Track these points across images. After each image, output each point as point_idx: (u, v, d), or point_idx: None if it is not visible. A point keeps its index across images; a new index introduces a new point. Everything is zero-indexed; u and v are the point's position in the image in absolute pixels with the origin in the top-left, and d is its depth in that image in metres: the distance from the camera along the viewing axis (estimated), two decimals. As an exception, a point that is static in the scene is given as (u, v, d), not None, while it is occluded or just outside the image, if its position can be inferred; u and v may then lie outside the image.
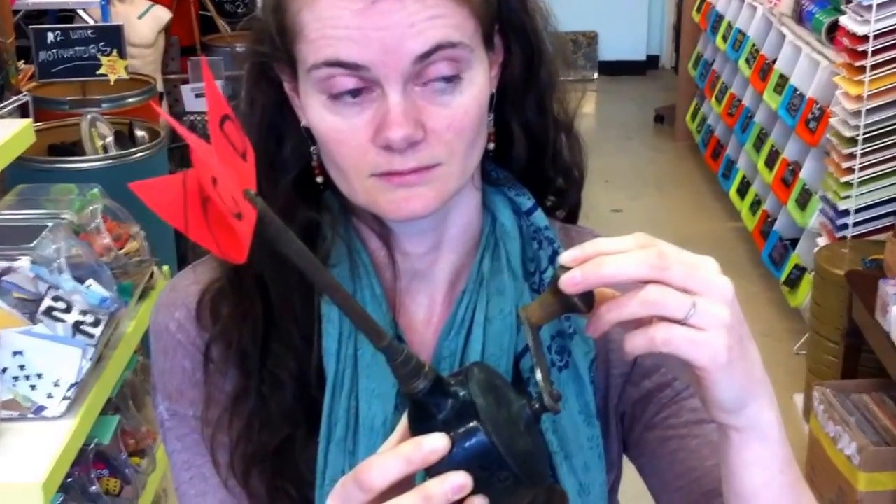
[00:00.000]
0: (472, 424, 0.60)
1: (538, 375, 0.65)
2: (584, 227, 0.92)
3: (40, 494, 1.43)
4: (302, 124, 0.80)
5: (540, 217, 0.85)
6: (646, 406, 0.85)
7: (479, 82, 0.76)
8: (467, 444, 0.60)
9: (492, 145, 0.82)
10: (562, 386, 0.81)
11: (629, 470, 0.90)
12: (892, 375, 2.43)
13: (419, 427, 0.62)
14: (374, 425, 0.78)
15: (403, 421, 0.64)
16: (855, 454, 2.42)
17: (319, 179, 0.81)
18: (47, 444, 1.50)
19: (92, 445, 1.73)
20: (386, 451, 0.62)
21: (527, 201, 0.85)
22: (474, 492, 0.60)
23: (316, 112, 0.76)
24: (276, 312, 0.81)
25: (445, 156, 0.75)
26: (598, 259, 0.64)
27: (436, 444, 0.60)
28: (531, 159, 0.85)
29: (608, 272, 0.63)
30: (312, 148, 0.81)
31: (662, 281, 0.63)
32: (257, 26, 0.81)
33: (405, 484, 0.61)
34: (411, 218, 0.77)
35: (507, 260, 0.83)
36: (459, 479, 0.59)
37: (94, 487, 1.71)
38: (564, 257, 0.65)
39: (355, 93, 0.73)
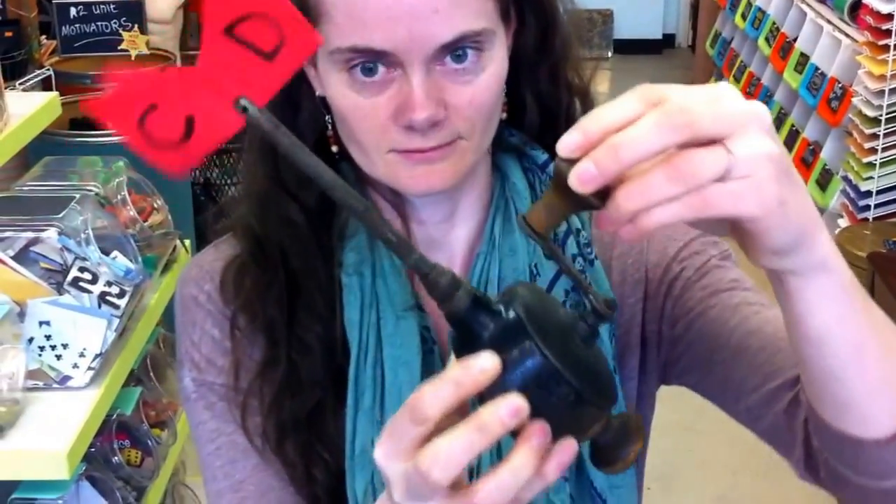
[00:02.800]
0: (523, 341, 0.54)
1: (572, 279, 0.58)
2: None
3: (65, 463, 1.44)
4: (317, 93, 0.81)
5: None
6: (664, 307, 0.85)
7: (498, 59, 0.77)
8: (520, 363, 0.54)
9: (504, 115, 0.83)
10: None
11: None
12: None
13: (465, 350, 0.56)
14: (401, 393, 0.78)
15: (451, 357, 0.59)
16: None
17: (334, 149, 0.82)
18: (72, 414, 1.51)
19: (114, 416, 1.74)
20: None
21: (541, 154, 0.86)
22: (535, 416, 0.54)
23: (336, 89, 0.76)
24: (300, 281, 0.82)
25: (466, 131, 0.76)
26: (610, 143, 0.53)
27: (484, 363, 0.54)
28: (543, 126, 0.86)
29: (628, 156, 0.52)
30: (327, 118, 0.81)
31: (691, 140, 0.53)
32: None
33: (462, 413, 0.56)
34: (430, 193, 0.78)
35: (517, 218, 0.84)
36: (514, 402, 0.53)
37: (116, 458, 1.73)
38: (564, 145, 0.54)
39: (376, 72, 0.74)
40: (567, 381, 0.54)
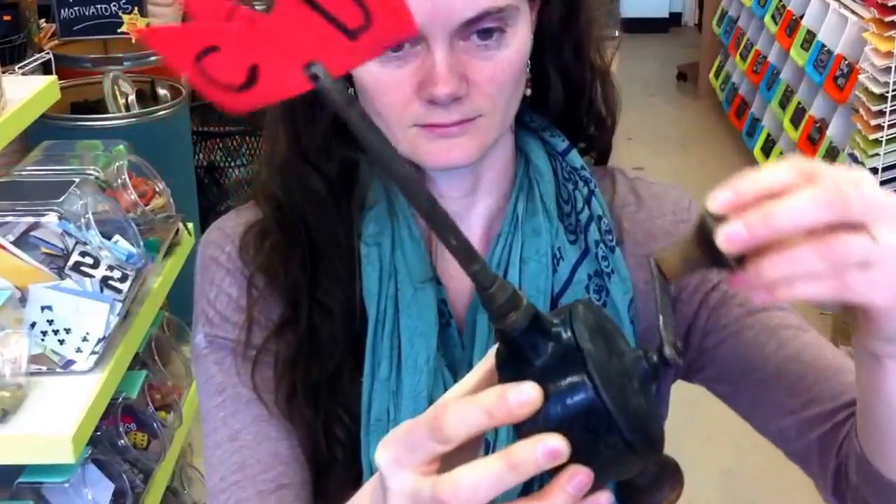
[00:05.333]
0: (577, 376, 0.49)
1: (661, 323, 0.54)
2: (608, 166, 0.92)
3: (70, 447, 1.44)
4: None
5: (575, 157, 0.86)
6: (697, 314, 0.85)
7: (521, 35, 0.77)
8: (570, 399, 0.49)
9: (529, 91, 0.83)
10: None
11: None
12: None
13: (509, 373, 0.51)
14: (417, 364, 0.78)
15: (488, 357, 0.55)
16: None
17: None
18: (76, 398, 1.51)
19: (120, 400, 1.74)
20: (460, 394, 0.54)
21: (561, 142, 0.86)
22: (574, 459, 0.49)
23: None
24: (321, 248, 0.83)
25: (487, 108, 0.76)
26: (766, 209, 0.52)
27: (525, 395, 0.50)
28: (566, 105, 0.86)
29: (782, 225, 0.52)
30: (350, 91, 0.81)
31: (840, 220, 0.53)
32: None
33: (476, 442, 0.53)
34: (451, 167, 0.78)
35: (541, 201, 0.84)
36: (554, 444, 0.49)
37: (122, 441, 1.73)
38: (715, 201, 0.54)
39: (401, 46, 0.74)
40: (619, 431, 0.49)
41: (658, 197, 0.89)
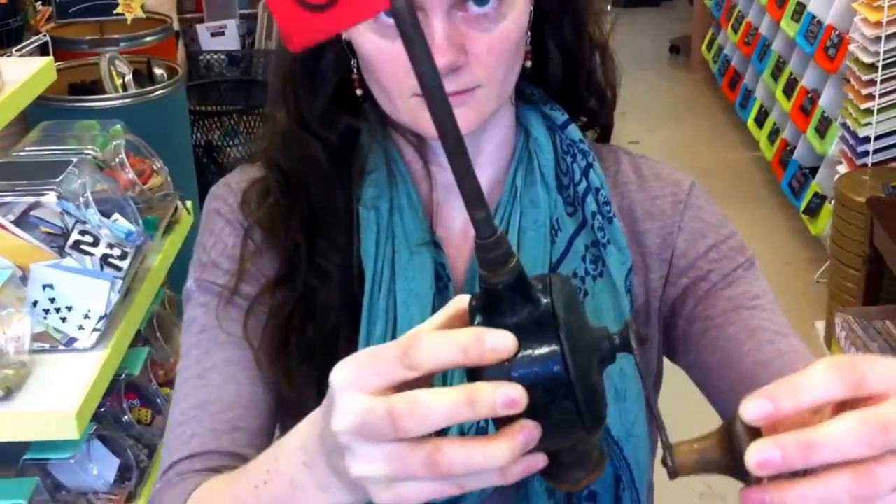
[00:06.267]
0: (549, 341, 0.51)
1: (648, 408, 0.54)
2: (614, 145, 0.93)
3: (74, 424, 1.46)
4: (343, 37, 0.81)
5: (574, 130, 0.87)
6: (684, 301, 0.87)
7: (519, 6, 0.77)
8: (538, 362, 0.51)
9: (529, 63, 0.83)
10: (597, 294, 0.83)
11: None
12: (915, 301, 2.45)
13: (483, 320, 0.53)
14: (412, 324, 0.78)
15: (456, 301, 0.55)
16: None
17: (359, 92, 0.83)
18: (79, 375, 1.53)
19: (123, 376, 1.76)
20: (433, 328, 0.54)
21: (560, 115, 0.87)
22: (526, 414, 0.51)
23: (360, 33, 0.77)
24: (320, 213, 0.84)
25: (486, 78, 0.77)
26: (807, 441, 0.47)
27: (501, 343, 0.51)
28: (566, 78, 0.87)
29: (820, 460, 0.48)
30: (353, 62, 0.82)
31: (875, 457, 0.48)
32: None
33: (427, 378, 0.53)
34: None
35: (540, 173, 0.85)
36: (515, 393, 0.50)
37: (126, 417, 1.75)
38: (751, 412, 0.48)
39: None
40: (575, 400, 0.51)
41: (660, 177, 0.90)
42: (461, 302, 0.55)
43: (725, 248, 0.87)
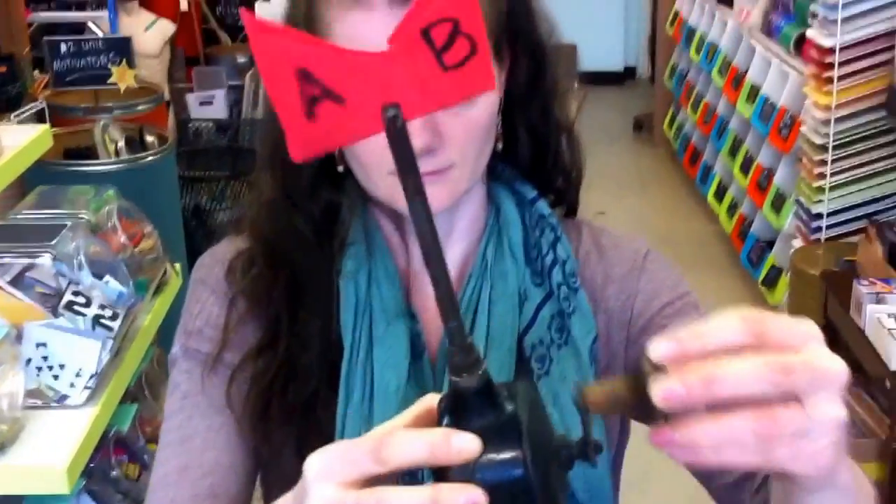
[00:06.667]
0: (513, 447, 0.53)
1: (582, 425, 0.57)
2: (577, 219, 0.98)
3: (65, 478, 1.48)
4: None
5: (543, 205, 0.91)
6: (647, 329, 0.89)
7: (490, 95, 0.81)
8: (502, 466, 0.53)
9: (500, 145, 0.88)
10: (561, 362, 0.86)
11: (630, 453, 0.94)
12: (868, 370, 2.52)
13: (450, 422, 0.55)
14: (388, 391, 0.84)
15: (426, 400, 0.59)
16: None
17: (340, 169, 0.88)
18: (70, 431, 1.55)
19: (112, 433, 1.78)
20: (402, 425, 0.57)
21: (530, 191, 0.91)
22: None
23: None
24: (303, 282, 0.88)
25: (459, 159, 0.81)
26: (708, 374, 0.51)
27: (467, 445, 0.53)
28: (534, 159, 0.92)
29: (722, 393, 0.50)
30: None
31: (784, 393, 0.51)
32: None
33: (390, 476, 0.55)
34: None
35: (509, 246, 0.89)
36: (478, 498, 0.52)
37: (114, 472, 1.76)
38: (657, 351, 0.52)
39: None
40: (534, 503, 0.53)
41: (618, 247, 0.94)
42: (430, 401, 0.58)
43: (680, 304, 0.90)
